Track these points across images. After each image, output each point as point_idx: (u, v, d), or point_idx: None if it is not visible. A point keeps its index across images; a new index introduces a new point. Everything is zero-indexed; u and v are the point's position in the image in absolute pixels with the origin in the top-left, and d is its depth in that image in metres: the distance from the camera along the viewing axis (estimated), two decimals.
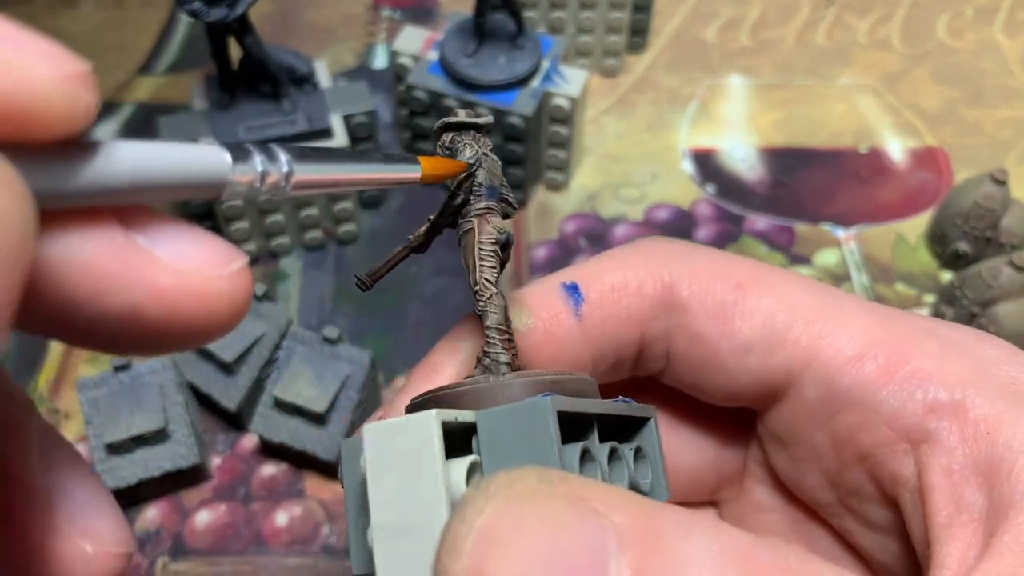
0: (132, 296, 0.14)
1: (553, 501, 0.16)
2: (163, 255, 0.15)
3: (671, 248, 0.25)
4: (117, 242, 0.14)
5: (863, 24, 0.66)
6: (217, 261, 0.15)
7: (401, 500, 0.18)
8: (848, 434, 0.22)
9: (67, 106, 0.12)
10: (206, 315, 0.15)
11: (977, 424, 0.20)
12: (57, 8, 0.66)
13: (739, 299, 0.24)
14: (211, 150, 0.15)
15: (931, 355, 0.22)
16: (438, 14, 0.66)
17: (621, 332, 0.24)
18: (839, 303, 0.24)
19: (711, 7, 0.67)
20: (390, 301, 0.51)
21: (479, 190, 0.22)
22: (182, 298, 0.15)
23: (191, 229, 0.15)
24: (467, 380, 0.21)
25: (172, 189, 0.15)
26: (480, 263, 0.22)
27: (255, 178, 0.16)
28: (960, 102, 0.61)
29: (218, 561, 0.42)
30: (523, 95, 0.50)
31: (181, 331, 0.15)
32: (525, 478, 0.16)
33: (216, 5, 0.43)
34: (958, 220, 0.50)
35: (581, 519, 0.15)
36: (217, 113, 0.48)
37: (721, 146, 0.59)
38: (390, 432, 0.18)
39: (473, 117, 0.23)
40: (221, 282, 0.15)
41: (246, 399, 0.44)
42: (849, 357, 0.22)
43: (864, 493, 0.23)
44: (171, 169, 0.14)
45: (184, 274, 0.15)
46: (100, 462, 0.41)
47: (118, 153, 0.14)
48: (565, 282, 0.24)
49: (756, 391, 0.24)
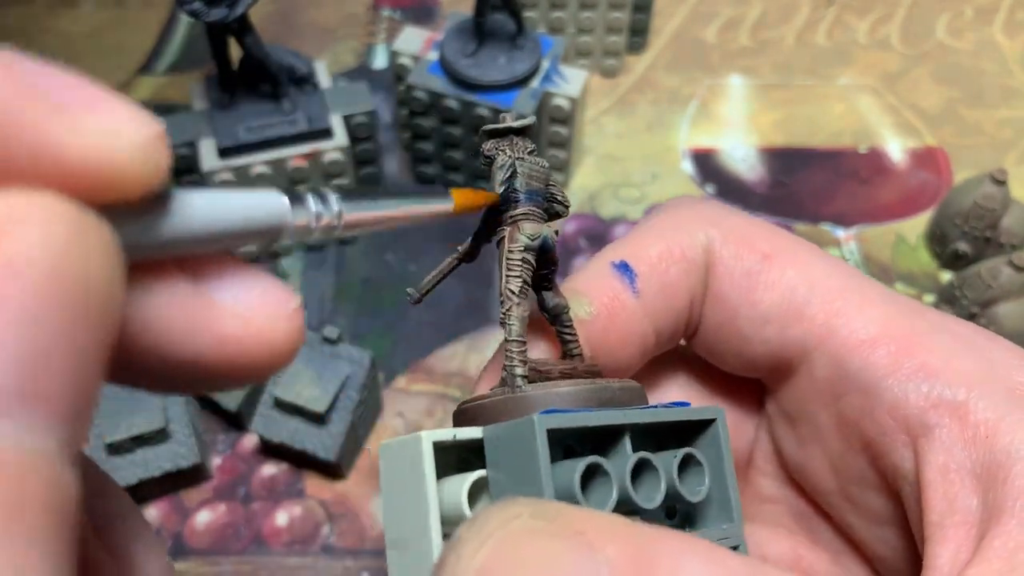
0: (198, 344, 0.15)
1: (548, 540, 0.16)
2: (226, 301, 0.15)
3: (705, 210, 0.25)
4: (183, 292, 0.15)
5: (863, 24, 0.67)
6: (276, 302, 0.16)
7: (402, 516, 0.18)
8: (853, 418, 0.23)
9: (149, 167, 0.13)
10: (269, 356, 0.15)
11: (977, 427, 0.20)
12: (57, 8, 0.66)
13: (764, 269, 0.24)
14: (271, 196, 0.16)
15: (941, 351, 0.22)
16: (438, 14, 0.66)
17: (674, 301, 0.24)
18: (860, 285, 0.24)
19: (711, 7, 0.67)
20: (390, 301, 0.51)
21: (515, 195, 0.22)
22: (246, 342, 0.15)
23: (248, 271, 0.16)
24: (491, 392, 0.21)
25: (237, 237, 0.15)
26: (506, 273, 0.21)
27: (311, 220, 0.16)
28: (960, 102, 0.61)
29: (218, 561, 0.42)
30: (523, 95, 0.50)
31: (243, 372, 0.15)
32: (519, 515, 0.16)
33: (216, 5, 0.43)
34: (958, 220, 0.50)
35: (575, 557, 0.15)
36: (217, 113, 0.48)
37: (721, 146, 0.59)
38: (395, 450, 0.19)
39: (513, 121, 0.22)
40: (282, 323, 0.16)
41: (246, 399, 0.44)
42: (862, 340, 0.22)
43: (866, 481, 0.23)
44: (236, 217, 0.15)
45: (248, 320, 0.15)
46: (100, 462, 0.41)
47: (188, 205, 0.14)
48: (614, 261, 0.24)
49: (770, 362, 0.24)
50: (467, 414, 0.20)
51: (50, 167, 0.12)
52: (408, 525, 0.18)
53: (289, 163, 0.48)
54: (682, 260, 0.24)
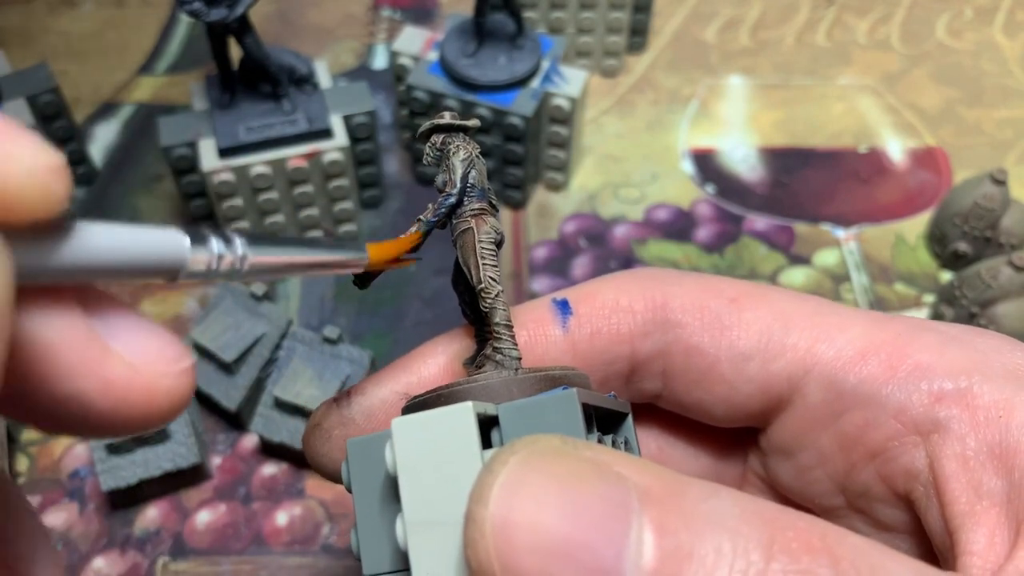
0: (83, 384, 0.15)
1: (576, 460, 0.16)
2: (119, 346, 0.15)
3: (663, 272, 0.26)
4: (77, 328, 0.15)
5: (863, 24, 0.67)
6: (168, 358, 0.16)
7: (441, 494, 0.18)
8: (856, 433, 0.23)
9: (46, 194, 0.13)
10: (150, 410, 0.16)
11: (988, 409, 0.20)
12: (57, 8, 0.66)
13: (735, 311, 0.24)
14: (171, 235, 0.16)
15: (931, 348, 0.22)
16: (438, 14, 0.66)
17: (611, 347, 0.25)
18: (832, 309, 0.24)
19: (711, 7, 0.67)
20: (390, 301, 0.51)
21: (472, 191, 0.23)
22: (131, 391, 0.15)
23: (146, 322, 0.16)
24: (478, 375, 0.21)
25: (132, 272, 0.15)
26: (483, 262, 0.22)
27: (212, 260, 0.16)
28: (960, 102, 0.61)
29: (218, 561, 0.42)
30: (523, 95, 0.50)
31: (122, 421, 0.15)
32: (550, 439, 0.17)
33: (216, 5, 0.43)
34: (957, 220, 0.51)
35: (603, 477, 0.16)
36: (217, 113, 0.48)
37: (721, 146, 0.59)
38: (423, 426, 0.18)
39: (458, 119, 0.23)
40: (169, 380, 0.16)
41: (246, 399, 0.44)
42: (850, 357, 0.22)
43: (874, 494, 0.23)
44: (135, 252, 0.15)
45: (136, 368, 0.15)
46: (100, 462, 0.41)
47: (87, 235, 0.14)
48: (555, 298, 0.25)
49: (758, 403, 0.24)
50: (452, 398, 0.20)
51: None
52: (446, 501, 0.18)
53: (289, 163, 0.48)
54: (627, 311, 0.25)
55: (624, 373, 0.25)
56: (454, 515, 0.18)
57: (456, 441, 0.18)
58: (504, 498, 0.16)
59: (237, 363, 0.43)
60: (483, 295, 0.22)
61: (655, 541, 0.15)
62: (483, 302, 0.22)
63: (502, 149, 0.51)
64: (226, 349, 0.43)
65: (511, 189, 0.54)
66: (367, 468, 0.20)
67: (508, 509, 0.16)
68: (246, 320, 0.44)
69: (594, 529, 0.15)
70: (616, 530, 0.15)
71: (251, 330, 0.44)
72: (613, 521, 0.15)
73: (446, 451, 0.18)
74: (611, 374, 0.25)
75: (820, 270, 0.52)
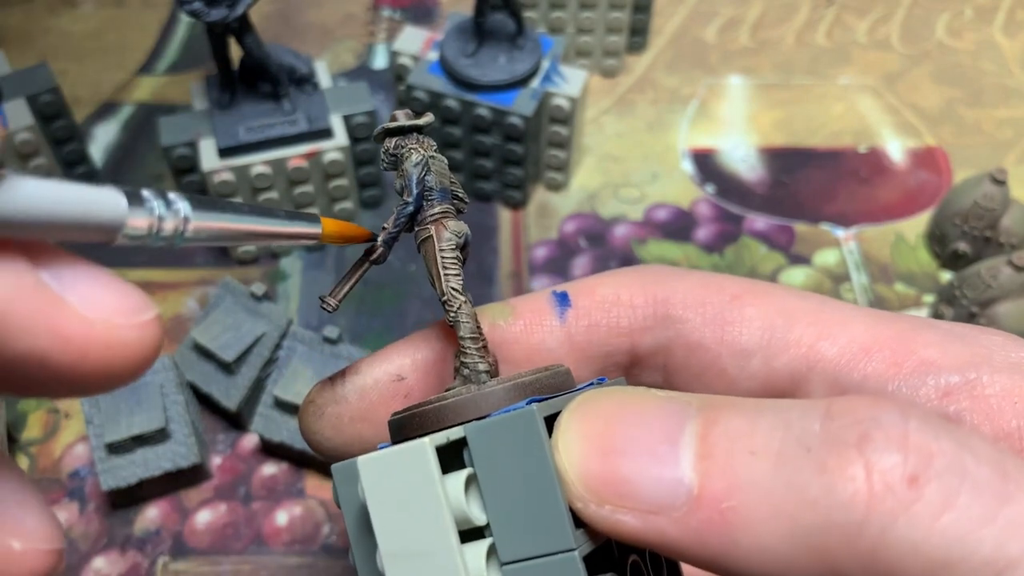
0: (38, 341, 0.14)
1: (636, 393, 0.18)
2: (73, 299, 0.14)
3: (665, 269, 0.26)
4: (26, 282, 0.14)
5: (863, 24, 0.67)
6: (128, 309, 0.15)
7: (407, 528, 0.18)
8: None
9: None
10: (112, 364, 0.15)
11: (1000, 398, 0.20)
12: (57, 8, 0.66)
13: (737, 307, 0.24)
14: (107, 193, 0.15)
15: (935, 344, 0.22)
16: (438, 14, 0.66)
17: (608, 340, 0.25)
18: (834, 306, 0.24)
19: (711, 7, 0.67)
20: (390, 301, 0.51)
21: (431, 195, 0.22)
22: (89, 346, 0.14)
23: (103, 273, 0.15)
24: (448, 392, 0.21)
25: (67, 228, 0.14)
26: (444, 272, 0.22)
27: (152, 223, 0.16)
28: (960, 102, 0.61)
29: (218, 561, 0.42)
30: (523, 95, 0.50)
31: (85, 379, 0.15)
32: (612, 388, 0.19)
33: (216, 5, 0.43)
34: (957, 220, 0.51)
35: (666, 400, 0.18)
36: (217, 113, 0.48)
37: (721, 146, 0.59)
38: (385, 464, 0.18)
39: (413, 118, 0.22)
40: (130, 331, 0.15)
41: (246, 399, 0.44)
42: (854, 354, 0.22)
43: None
44: (68, 208, 0.14)
45: (93, 322, 0.14)
46: (100, 461, 0.41)
47: (16, 188, 0.14)
48: (555, 290, 0.25)
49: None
50: (426, 417, 0.20)
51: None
52: (417, 533, 0.18)
53: (289, 163, 0.48)
54: (627, 305, 0.25)
55: (624, 365, 0.25)
56: (425, 545, 0.18)
57: (417, 476, 0.18)
58: (567, 419, 0.18)
59: (237, 363, 0.43)
60: (446, 308, 0.22)
61: (705, 429, 0.17)
62: (447, 315, 0.22)
63: (502, 149, 0.51)
64: (226, 349, 0.43)
65: (511, 189, 0.54)
66: (352, 492, 0.20)
67: (570, 423, 0.18)
68: (246, 320, 0.44)
69: (654, 427, 0.17)
70: (673, 425, 0.17)
71: (251, 330, 0.44)
72: (671, 421, 0.17)
73: (410, 486, 0.18)
74: (609, 366, 0.25)
75: (820, 270, 0.52)
